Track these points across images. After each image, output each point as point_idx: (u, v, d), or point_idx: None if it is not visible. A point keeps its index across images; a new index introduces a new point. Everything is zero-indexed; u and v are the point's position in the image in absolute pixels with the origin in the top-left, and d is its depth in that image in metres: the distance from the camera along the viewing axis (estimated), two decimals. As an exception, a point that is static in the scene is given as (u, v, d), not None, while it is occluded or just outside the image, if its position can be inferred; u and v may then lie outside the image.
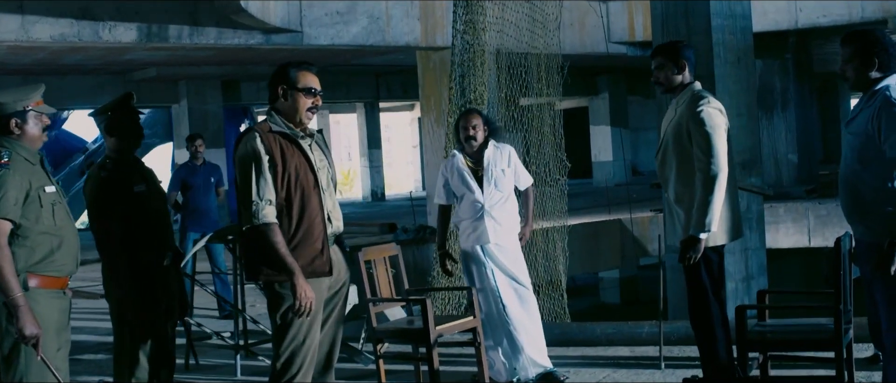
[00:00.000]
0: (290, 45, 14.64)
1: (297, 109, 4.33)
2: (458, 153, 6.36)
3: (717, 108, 4.84)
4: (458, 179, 6.29)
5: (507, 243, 6.25)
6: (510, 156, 6.30)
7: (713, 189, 4.68)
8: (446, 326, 5.83)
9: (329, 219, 4.38)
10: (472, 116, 6.34)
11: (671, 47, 5.02)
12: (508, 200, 6.28)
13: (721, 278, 4.99)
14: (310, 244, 4.24)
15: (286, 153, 4.25)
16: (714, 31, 11.07)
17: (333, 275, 4.39)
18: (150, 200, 4.67)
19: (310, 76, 4.40)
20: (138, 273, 4.55)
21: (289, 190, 4.22)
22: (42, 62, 18.68)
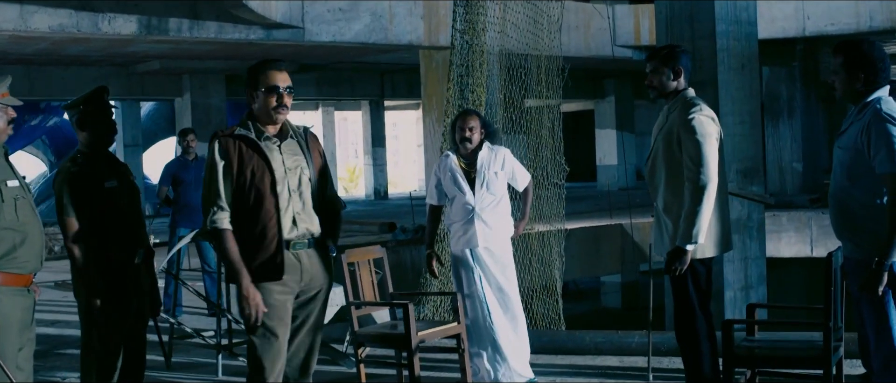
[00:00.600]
0: (292, 41, 14.55)
1: (267, 110, 4.23)
2: (451, 153, 6.25)
3: (709, 117, 4.70)
4: (451, 180, 6.19)
5: (497, 248, 6.14)
6: (505, 159, 6.19)
7: (701, 199, 4.54)
8: (429, 332, 5.71)
9: (295, 222, 4.23)
10: (469, 117, 6.22)
11: (667, 51, 4.89)
12: (500, 203, 6.17)
13: (708, 291, 4.84)
14: (263, 248, 4.15)
15: (245, 157, 4.17)
16: (718, 37, 10.95)
17: (299, 280, 4.25)
18: (122, 196, 4.56)
19: (274, 74, 4.27)
20: (107, 270, 4.44)
21: (244, 194, 4.16)
22: (44, 52, 18.62)
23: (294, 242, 4.22)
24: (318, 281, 4.34)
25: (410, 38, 15.46)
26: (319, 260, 4.34)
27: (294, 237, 4.22)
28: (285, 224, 4.20)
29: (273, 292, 4.18)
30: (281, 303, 4.21)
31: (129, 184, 4.65)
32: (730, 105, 10.98)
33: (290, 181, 4.23)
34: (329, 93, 25.89)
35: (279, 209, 4.17)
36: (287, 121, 4.35)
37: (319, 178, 4.36)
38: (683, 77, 4.84)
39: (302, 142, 4.36)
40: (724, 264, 11.01)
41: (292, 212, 4.23)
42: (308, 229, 4.28)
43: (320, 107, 34.25)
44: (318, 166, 4.36)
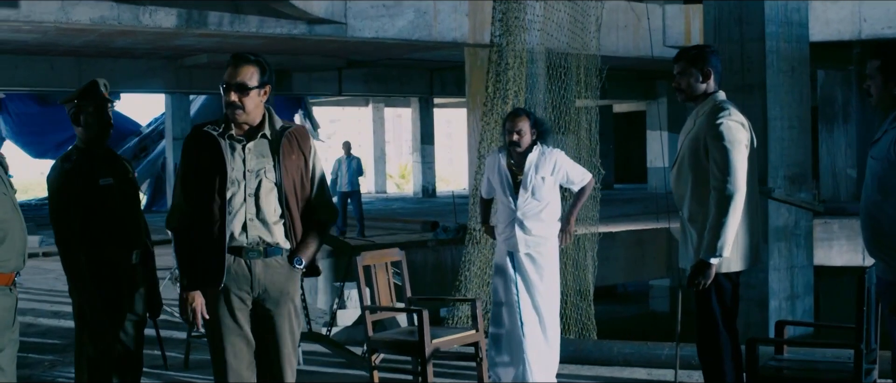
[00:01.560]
0: (334, 37, 14.43)
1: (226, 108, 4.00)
2: (501, 153, 6.01)
3: (738, 122, 4.41)
4: (497, 180, 5.96)
5: (539, 255, 5.87)
6: (556, 162, 5.88)
7: (728, 210, 4.26)
8: (445, 339, 5.50)
9: (245, 229, 3.95)
10: (518, 119, 5.90)
11: (696, 52, 4.61)
12: (545, 210, 5.88)
13: (734, 307, 4.55)
14: (205, 251, 3.93)
15: (203, 154, 3.94)
16: (768, 39, 10.60)
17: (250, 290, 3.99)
18: (118, 194, 4.40)
19: (227, 70, 4.03)
20: (100, 270, 4.29)
21: (197, 194, 3.96)
22: (93, 44, 18.73)
23: (247, 250, 3.97)
24: (274, 294, 4.03)
25: (455, 35, 15.25)
26: (278, 271, 4.03)
27: (243, 244, 3.96)
28: (232, 229, 3.94)
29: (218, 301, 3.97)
30: (228, 314, 3.98)
31: (127, 182, 4.49)
32: (778, 109, 10.64)
33: (248, 184, 3.96)
34: (377, 89, 25.79)
35: (226, 213, 3.92)
36: (268, 120, 4.06)
37: (302, 183, 4.07)
38: (713, 79, 4.56)
39: (274, 143, 4.03)
40: (769, 272, 10.69)
41: (243, 218, 3.95)
42: (261, 238, 3.99)
43: (370, 104, 34.19)
44: (295, 170, 4.05)
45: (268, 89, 4.07)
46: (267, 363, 4.09)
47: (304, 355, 6.80)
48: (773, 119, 10.54)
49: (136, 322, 4.49)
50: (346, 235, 16.50)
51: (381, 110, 34.35)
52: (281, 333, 4.07)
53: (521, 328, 5.80)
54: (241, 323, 4.01)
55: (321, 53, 21.00)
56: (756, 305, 10.75)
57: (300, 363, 6.71)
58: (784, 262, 10.82)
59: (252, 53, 4.12)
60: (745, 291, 10.61)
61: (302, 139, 4.11)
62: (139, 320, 4.52)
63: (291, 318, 4.11)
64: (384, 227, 18.63)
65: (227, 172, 3.92)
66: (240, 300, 4.00)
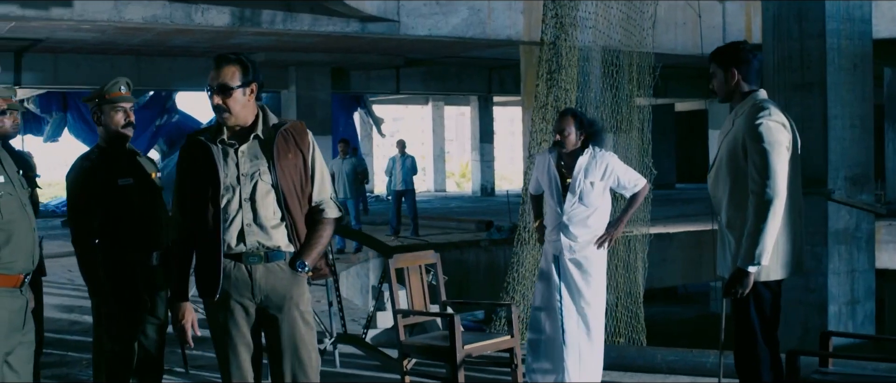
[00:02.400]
0: (387, 35, 14.35)
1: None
2: (551, 153, 5.82)
3: (779, 122, 4.18)
4: (546, 181, 5.78)
5: (585, 260, 5.68)
6: (607, 166, 5.66)
7: (766, 216, 4.04)
8: (477, 345, 5.34)
9: (242, 236, 3.83)
10: (564, 119, 5.72)
11: (727, 50, 4.40)
12: (594, 216, 5.67)
13: (774, 318, 4.32)
14: (204, 260, 3.83)
15: (198, 162, 3.84)
16: (828, 36, 10.30)
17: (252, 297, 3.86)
18: (138, 195, 4.32)
19: (210, 74, 3.86)
20: (117, 271, 4.22)
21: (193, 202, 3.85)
22: (151, 43, 18.91)
23: (247, 255, 3.84)
24: (276, 300, 3.90)
25: (509, 33, 15.08)
26: (279, 276, 3.89)
27: (242, 251, 3.85)
28: (229, 238, 3.82)
29: (221, 309, 3.86)
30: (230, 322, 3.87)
31: (148, 182, 4.41)
32: (839, 107, 10.32)
33: (242, 190, 3.83)
34: (435, 87, 25.71)
35: (221, 221, 3.80)
36: (262, 120, 3.91)
37: (302, 182, 3.92)
38: (749, 78, 4.34)
39: (268, 143, 3.88)
40: (829, 276, 10.37)
41: (240, 225, 3.83)
42: (260, 243, 3.86)
43: (430, 102, 34.13)
44: (293, 169, 3.89)
45: (254, 87, 3.89)
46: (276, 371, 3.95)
47: (341, 357, 6.70)
48: (833, 118, 10.22)
49: (156, 324, 4.42)
50: (400, 234, 16.42)
51: (440, 108, 34.27)
52: (285, 340, 3.90)
53: (562, 335, 5.61)
54: (244, 330, 3.89)
55: (378, 52, 20.97)
56: (815, 310, 10.43)
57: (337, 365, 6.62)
58: (844, 266, 10.48)
59: (234, 52, 3.95)
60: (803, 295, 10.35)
61: (299, 136, 3.94)
62: (160, 323, 4.44)
63: (298, 324, 3.91)
64: (439, 227, 18.52)
65: (220, 179, 3.80)
66: (241, 307, 3.87)
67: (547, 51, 9.75)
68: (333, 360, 6.68)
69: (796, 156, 4.31)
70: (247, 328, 3.89)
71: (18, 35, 17.31)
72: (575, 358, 5.60)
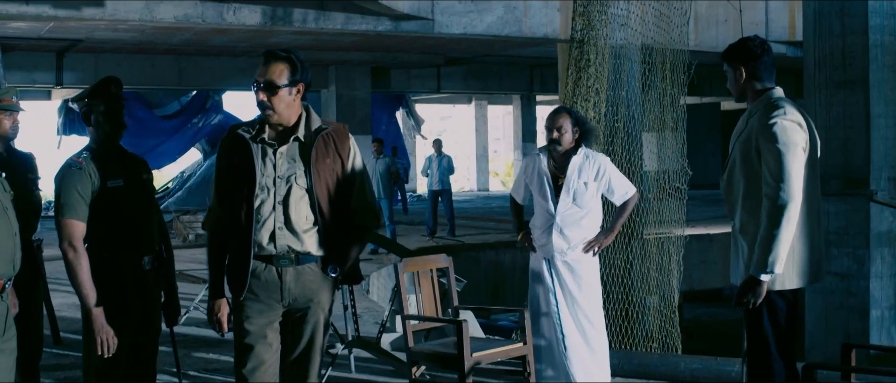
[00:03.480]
0: (421, 33, 14.18)
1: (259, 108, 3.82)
2: (542, 154, 5.67)
3: (794, 122, 3.95)
4: (537, 184, 5.63)
5: (577, 263, 5.54)
6: (600, 167, 5.55)
7: (780, 221, 3.82)
8: (487, 353, 5.17)
9: (273, 238, 3.77)
10: (559, 117, 5.60)
11: (736, 47, 4.19)
12: (587, 217, 5.55)
13: (790, 329, 4.08)
14: (235, 259, 3.80)
15: (234, 157, 3.78)
16: (871, 32, 9.96)
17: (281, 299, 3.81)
18: (128, 197, 4.20)
19: (259, 68, 3.82)
20: (106, 275, 4.10)
21: (229, 199, 3.80)
22: (190, 42, 18.93)
23: (278, 258, 3.78)
24: (304, 302, 3.85)
25: (546, 31, 14.84)
26: (309, 280, 3.85)
27: (273, 253, 3.78)
28: (260, 239, 3.77)
29: (251, 308, 3.81)
30: (258, 323, 3.82)
31: (139, 184, 4.29)
32: (883, 106, 9.98)
33: (277, 191, 3.77)
34: (476, 87, 25.53)
35: (254, 221, 3.74)
36: (304, 121, 3.84)
37: (338, 188, 3.86)
38: (761, 75, 4.11)
39: (307, 146, 3.83)
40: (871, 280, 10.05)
41: (271, 227, 3.77)
42: (290, 246, 3.79)
43: (473, 101, 33.96)
44: (330, 174, 3.84)
45: (301, 87, 3.85)
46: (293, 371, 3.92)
47: (356, 361, 6.58)
48: (876, 117, 9.90)
49: (148, 330, 4.29)
50: (437, 235, 16.28)
51: (484, 108, 34.08)
52: (304, 342, 3.89)
53: (562, 340, 5.46)
54: (267, 331, 3.83)
55: (417, 50, 20.84)
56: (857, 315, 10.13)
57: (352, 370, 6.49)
58: (888, 269, 10.15)
59: (284, 50, 3.91)
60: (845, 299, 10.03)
61: (339, 140, 3.89)
62: (152, 328, 4.32)
63: (319, 328, 3.92)
64: (477, 227, 18.35)
65: (257, 178, 3.74)
66: (268, 308, 3.82)
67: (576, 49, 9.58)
68: (349, 364, 6.55)
69: (815, 157, 4.08)
70: (270, 330, 3.84)
71: (58, 35, 17.43)
72: (578, 362, 5.44)
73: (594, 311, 5.61)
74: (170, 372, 5.96)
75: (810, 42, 10.49)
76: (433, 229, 16.38)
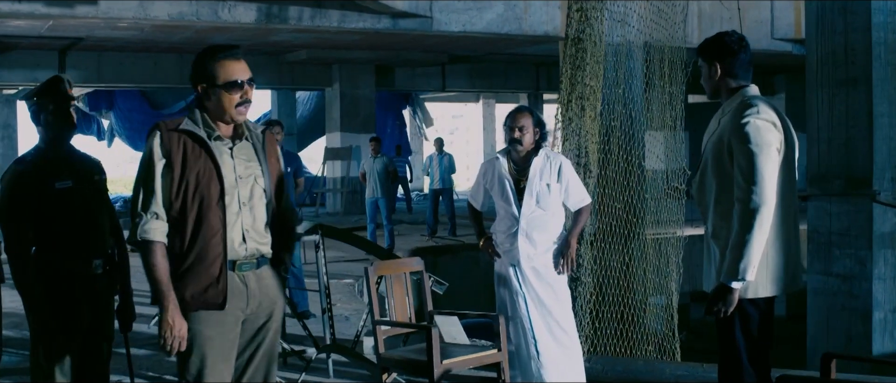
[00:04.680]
0: (419, 31, 14.04)
1: (224, 109, 3.58)
2: (501, 156, 5.52)
3: (768, 121, 3.76)
4: (498, 187, 5.48)
5: (543, 267, 5.38)
6: (561, 169, 5.41)
7: (752, 226, 3.64)
8: (458, 360, 5.00)
9: (244, 240, 3.61)
10: (520, 116, 5.47)
11: (713, 43, 4.00)
12: (552, 220, 5.40)
13: (764, 339, 3.88)
14: (203, 269, 3.51)
15: (190, 157, 3.52)
16: (874, 29, 9.75)
17: (245, 306, 3.63)
18: (78, 199, 4.05)
19: (231, 66, 3.60)
20: (54, 281, 3.95)
21: (184, 202, 3.52)
22: (191, 41, 18.79)
23: (240, 263, 3.60)
24: (267, 307, 3.70)
25: (546, 28, 14.67)
26: (269, 282, 3.71)
27: (241, 257, 3.60)
28: (232, 242, 3.57)
29: (212, 322, 3.55)
30: (222, 336, 3.57)
31: (90, 185, 4.13)
32: (886, 105, 9.78)
33: (241, 191, 3.60)
34: (481, 85, 25.34)
35: (226, 224, 3.54)
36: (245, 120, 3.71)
37: (276, 188, 3.73)
38: (735, 72, 3.93)
39: (258, 145, 3.70)
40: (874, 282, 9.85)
41: (241, 229, 3.60)
42: (258, 248, 3.65)
43: (481, 100, 33.78)
44: (274, 174, 3.72)
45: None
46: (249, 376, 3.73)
47: (335, 366, 6.43)
48: (878, 116, 9.70)
49: (100, 336, 4.14)
50: (437, 234, 16.12)
51: (491, 106, 33.90)
52: (266, 347, 3.74)
53: (534, 345, 5.30)
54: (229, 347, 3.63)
55: (421, 48, 20.67)
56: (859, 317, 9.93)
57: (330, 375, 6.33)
58: (890, 271, 9.95)
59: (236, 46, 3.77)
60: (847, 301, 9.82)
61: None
62: (103, 334, 4.16)
63: (278, 331, 3.83)
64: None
65: (224, 179, 3.56)
66: (234, 320, 3.62)
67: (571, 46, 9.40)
68: (327, 369, 6.40)
69: (792, 158, 3.89)
70: (233, 343, 3.64)
71: (58, 34, 17.33)
72: (552, 365, 5.29)
73: (564, 315, 5.47)
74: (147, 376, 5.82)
75: (813, 40, 10.29)
76: (434, 229, 16.22)
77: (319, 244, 6.25)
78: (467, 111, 57.04)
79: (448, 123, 67.83)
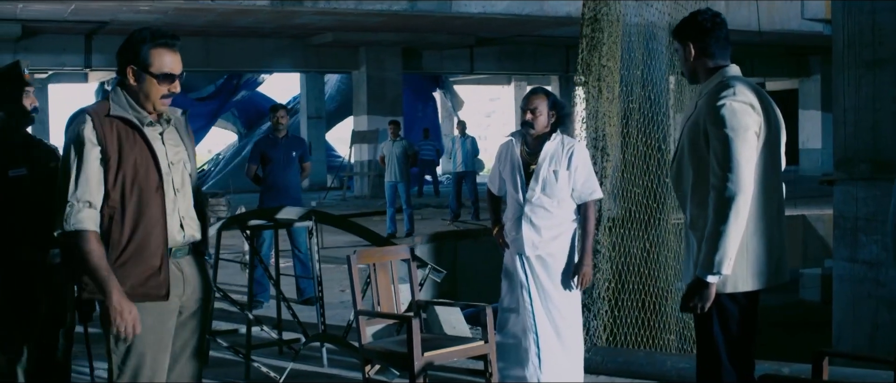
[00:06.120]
0: (438, 13, 13.88)
1: (149, 96, 3.44)
2: (515, 139, 5.28)
3: (745, 103, 3.50)
4: (509, 171, 5.24)
5: (550, 257, 5.14)
6: (573, 156, 5.11)
7: (727, 216, 3.40)
8: (441, 352, 4.80)
9: (182, 227, 3.49)
10: (534, 97, 5.20)
11: (686, 23, 3.76)
12: (560, 208, 5.12)
13: (745, 336, 3.62)
14: (144, 260, 3.37)
15: (125, 144, 3.38)
16: (904, 7, 9.43)
17: (181, 294, 3.50)
18: (32, 187, 3.92)
19: (167, 56, 3.44)
20: (8, 271, 3.82)
21: (123, 190, 3.37)
22: (215, 24, 18.79)
23: (176, 250, 3.48)
24: (198, 293, 3.59)
25: (568, 9, 14.42)
26: (198, 267, 3.60)
27: (178, 244, 3.47)
28: (171, 229, 3.44)
29: (152, 313, 3.40)
30: (162, 325, 3.44)
31: (46, 172, 4.00)
32: (915, 87, 9.46)
33: (174, 177, 3.48)
34: (510, 67, 25.07)
35: (166, 212, 3.41)
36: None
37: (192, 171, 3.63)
38: (712, 52, 3.68)
39: (181, 128, 3.59)
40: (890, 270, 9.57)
41: (178, 216, 3.48)
42: (193, 234, 3.54)
43: (513, 82, 33.53)
44: (194, 157, 3.64)
45: None
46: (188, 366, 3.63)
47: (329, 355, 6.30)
48: (906, 98, 9.40)
49: (58, 328, 4.02)
50: (460, 217, 15.95)
51: (523, 89, 33.59)
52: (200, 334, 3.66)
53: (536, 338, 5.08)
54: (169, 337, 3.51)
55: (447, 31, 20.46)
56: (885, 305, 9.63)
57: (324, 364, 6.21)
58: (913, 263, 9.66)
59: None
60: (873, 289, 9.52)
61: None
62: (62, 325, 4.04)
63: (209, 318, 3.78)
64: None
65: (160, 165, 3.44)
66: (173, 308, 3.50)
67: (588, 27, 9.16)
68: (321, 358, 6.26)
69: (775, 143, 3.65)
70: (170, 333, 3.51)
71: (82, 18, 17.37)
72: (550, 361, 5.07)
73: (569, 308, 5.21)
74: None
75: (839, 19, 9.96)
76: (456, 212, 16.05)
77: (313, 230, 6.09)
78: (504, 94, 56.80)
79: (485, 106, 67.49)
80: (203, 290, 3.60)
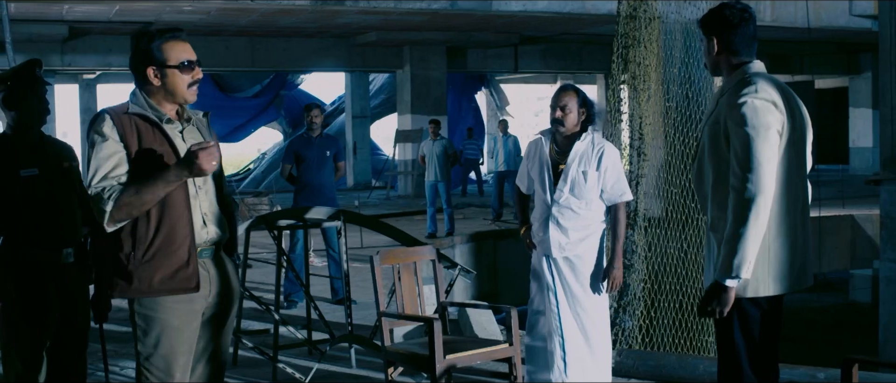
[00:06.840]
0: (479, 11, 13.77)
1: (176, 90, 3.43)
2: (544, 137, 5.19)
3: (768, 101, 3.38)
4: (537, 170, 5.14)
5: (579, 260, 5.04)
6: (603, 156, 5.00)
7: (747, 218, 3.28)
8: (463, 355, 4.74)
9: (205, 223, 3.47)
10: (564, 94, 5.09)
11: (712, 15, 3.64)
12: (588, 209, 5.03)
13: (767, 341, 3.50)
14: (172, 252, 3.35)
15: (145, 141, 3.37)
16: (951, 2, 9.23)
17: (207, 294, 3.47)
18: (45, 186, 3.91)
19: (179, 47, 3.43)
20: (22, 272, 3.82)
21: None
22: (260, 24, 18.87)
23: (201, 249, 3.45)
24: (224, 295, 3.55)
25: (610, 7, 14.16)
26: (226, 267, 3.57)
27: (202, 242, 3.45)
28: (196, 228, 3.42)
29: (180, 312, 3.40)
30: (188, 326, 3.43)
31: (59, 172, 3.99)
32: (960, 83, 9.24)
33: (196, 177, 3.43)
34: (555, 66, 24.90)
35: (190, 207, 3.40)
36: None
37: (218, 174, 3.59)
38: (736, 47, 3.56)
39: (202, 128, 3.57)
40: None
41: (201, 212, 3.46)
42: (217, 232, 3.51)
43: (559, 81, 33.31)
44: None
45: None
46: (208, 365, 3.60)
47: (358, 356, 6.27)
48: (955, 95, 9.18)
49: (74, 328, 4.01)
50: (502, 217, 15.86)
51: (569, 88, 33.45)
52: (226, 335, 3.63)
53: (561, 341, 4.98)
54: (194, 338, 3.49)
55: (491, 29, 20.37)
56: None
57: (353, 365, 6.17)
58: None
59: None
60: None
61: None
62: (77, 325, 4.03)
63: (231, 325, 3.70)
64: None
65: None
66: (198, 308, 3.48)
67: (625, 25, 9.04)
68: (349, 359, 6.23)
69: (799, 142, 3.53)
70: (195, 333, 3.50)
71: (127, 18, 17.53)
72: (577, 364, 4.98)
73: (597, 310, 5.11)
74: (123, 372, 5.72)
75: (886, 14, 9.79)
76: (499, 212, 15.95)
77: (341, 230, 6.06)
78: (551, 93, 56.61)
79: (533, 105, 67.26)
80: (229, 293, 3.56)
